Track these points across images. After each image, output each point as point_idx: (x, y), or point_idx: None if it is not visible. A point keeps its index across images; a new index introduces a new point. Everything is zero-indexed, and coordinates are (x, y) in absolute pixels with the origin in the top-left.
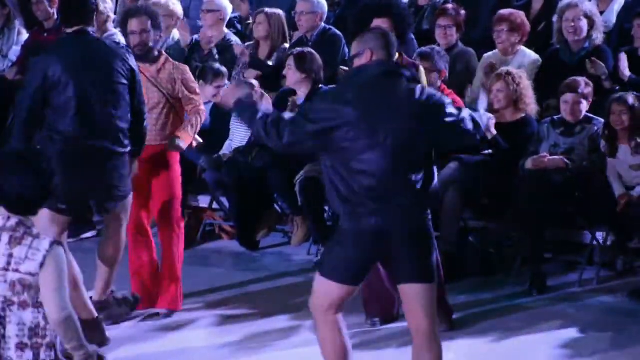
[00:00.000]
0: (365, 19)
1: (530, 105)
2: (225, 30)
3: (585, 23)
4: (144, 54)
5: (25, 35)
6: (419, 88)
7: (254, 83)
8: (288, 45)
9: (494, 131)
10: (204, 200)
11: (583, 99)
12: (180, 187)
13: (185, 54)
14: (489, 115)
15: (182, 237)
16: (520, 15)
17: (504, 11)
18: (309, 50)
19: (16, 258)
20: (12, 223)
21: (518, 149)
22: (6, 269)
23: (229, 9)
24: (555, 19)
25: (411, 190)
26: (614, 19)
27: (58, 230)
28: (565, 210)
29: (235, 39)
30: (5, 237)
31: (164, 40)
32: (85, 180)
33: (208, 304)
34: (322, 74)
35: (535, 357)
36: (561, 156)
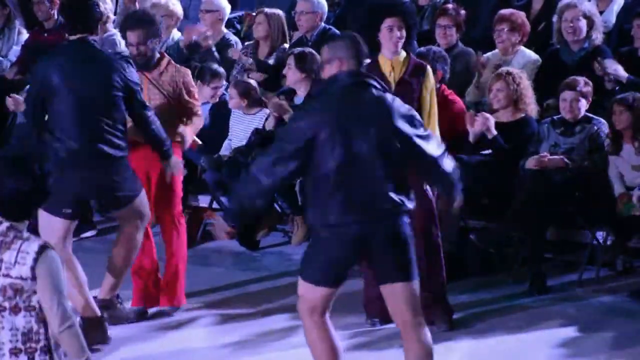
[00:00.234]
0: (376, 18)
1: (530, 105)
2: (224, 30)
3: (584, 23)
4: (144, 62)
5: (25, 35)
6: (390, 97)
7: (252, 83)
8: (288, 45)
9: (494, 131)
10: (204, 200)
11: (582, 97)
12: (181, 184)
13: (185, 54)
14: (488, 115)
15: (184, 234)
16: (520, 15)
17: (504, 11)
18: (309, 50)
19: (6, 263)
20: (3, 228)
21: (518, 149)
22: None
23: (227, 8)
24: (555, 19)
25: (387, 195)
26: (613, 19)
27: (62, 235)
28: (565, 210)
29: (234, 39)
30: None
31: (163, 41)
32: (83, 183)
33: (208, 303)
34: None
35: (535, 357)
36: (561, 156)
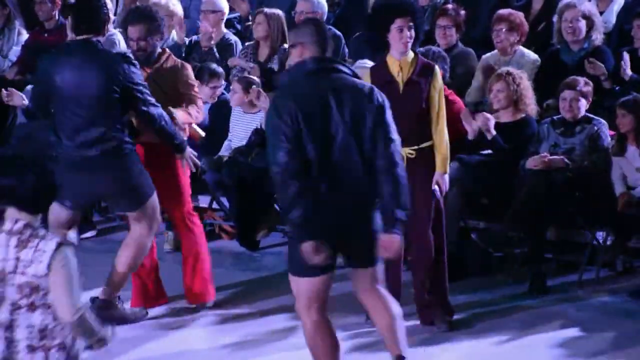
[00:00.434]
0: (386, 19)
1: (530, 106)
2: (224, 30)
3: (583, 24)
4: (144, 58)
5: (25, 35)
6: (362, 83)
7: (255, 80)
8: (287, 45)
9: (494, 132)
10: (204, 200)
11: (582, 97)
12: (188, 182)
13: (183, 54)
14: (488, 115)
15: (199, 232)
16: (519, 15)
17: (502, 11)
18: None
19: (23, 261)
20: (20, 226)
21: (518, 149)
22: (14, 272)
23: (226, 8)
24: (555, 19)
25: (363, 183)
26: (613, 20)
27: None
28: (565, 210)
29: (234, 39)
30: (14, 241)
31: (164, 40)
32: (80, 185)
33: None
34: None
35: (535, 357)
36: (561, 156)
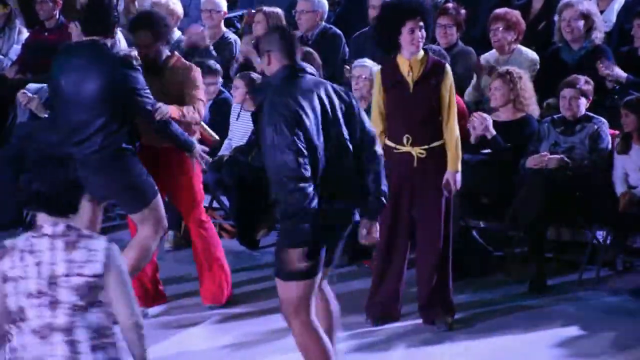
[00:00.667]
0: (397, 20)
1: (530, 106)
2: (224, 29)
3: (581, 23)
4: (151, 64)
5: (25, 34)
6: (331, 85)
7: (257, 76)
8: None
9: (493, 131)
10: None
11: (582, 96)
12: (200, 187)
13: (182, 52)
14: (485, 115)
15: (211, 236)
16: (515, 13)
17: (499, 10)
18: (308, 49)
19: (77, 262)
20: (62, 228)
21: (518, 149)
22: (68, 275)
23: (225, 7)
24: (556, 18)
25: (347, 185)
26: (614, 19)
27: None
28: (565, 210)
29: (234, 38)
30: (60, 244)
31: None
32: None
33: None
34: (322, 73)
35: (535, 357)
36: (561, 155)
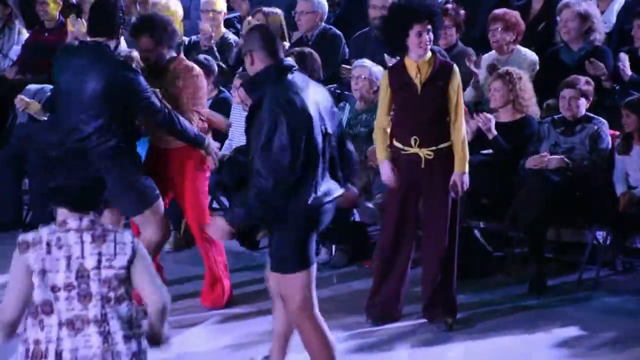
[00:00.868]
0: (405, 23)
1: (530, 107)
2: (224, 29)
3: (577, 23)
4: (152, 67)
5: (25, 34)
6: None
7: None
8: (287, 44)
9: (495, 132)
10: None
11: (581, 96)
12: (205, 191)
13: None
14: (489, 116)
15: (213, 241)
16: (514, 14)
17: (498, 10)
18: (309, 50)
19: (106, 255)
20: (87, 222)
21: (518, 149)
22: (98, 267)
23: (225, 7)
24: (558, 18)
25: (335, 180)
26: (613, 19)
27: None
28: (565, 210)
29: (234, 38)
30: (88, 237)
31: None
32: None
33: None
34: (322, 73)
35: (535, 357)
36: (561, 155)
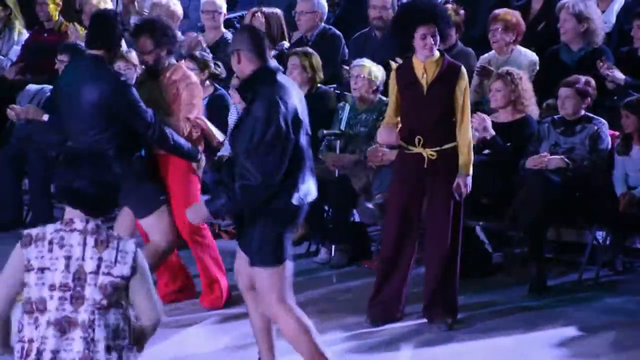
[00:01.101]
0: (410, 25)
1: (529, 106)
2: (223, 30)
3: (574, 24)
4: (151, 69)
5: (25, 35)
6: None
7: None
8: (287, 44)
9: (492, 131)
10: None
11: (577, 95)
12: (193, 191)
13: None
14: (484, 115)
15: (206, 241)
16: (515, 14)
17: (498, 10)
18: (308, 49)
19: (106, 261)
20: (93, 226)
21: (518, 149)
22: (96, 272)
23: (225, 8)
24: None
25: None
26: (613, 19)
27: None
28: (565, 210)
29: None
30: (91, 240)
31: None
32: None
33: None
34: (322, 74)
35: (535, 357)
36: (561, 156)
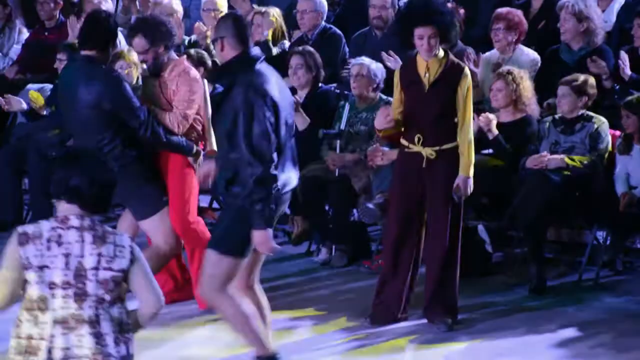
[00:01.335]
0: (409, 26)
1: (530, 106)
2: None
3: (574, 23)
4: (152, 67)
5: (26, 33)
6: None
7: None
8: (287, 43)
9: (496, 131)
10: (204, 200)
11: (575, 93)
12: (187, 190)
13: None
14: (491, 116)
15: (199, 240)
16: (517, 13)
17: (501, 10)
18: (309, 48)
19: (106, 257)
20: (89, 222)
21: (518, 149)
22: (97, 268)
23: (226, 7)
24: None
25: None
26: (613, 19)
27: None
28: (565, 210)
29: None
30: (89, 237)
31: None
32: None
33: None
34: (322, 73)
35: (535, 357)
36: (562, 155)
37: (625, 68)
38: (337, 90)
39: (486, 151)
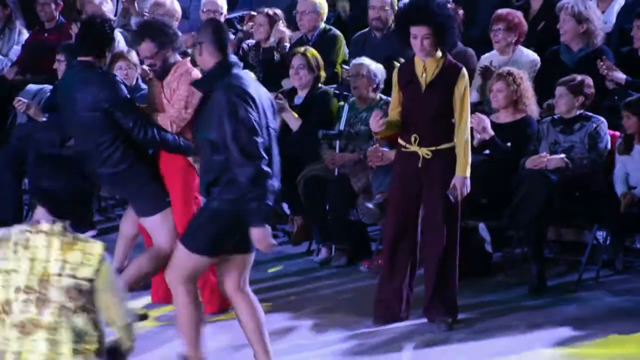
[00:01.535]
0: (402, 26)
1: (530, 106)
2: None
3: (573, 25)
4: (159, 72)
5: (25, 34)
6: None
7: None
8: (287, 44)
9: (491, 132)
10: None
11: (571, 93)
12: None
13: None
14: (482, 116)
15: None
16: (517, 14)
17: (500, 10)
18: (310, 49)
19: (71, 264)
20: (59, 227)
21: (518, 149)
22: (60, 275)
23: (225, 8)
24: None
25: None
26: (613, 20)
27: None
28: (565, 210)
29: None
30: (57, 242)
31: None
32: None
33: None
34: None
35: (536, 357)
36: (561, 155)
37: (617, 76)
38: (337, 91)
39: (485, 151)
